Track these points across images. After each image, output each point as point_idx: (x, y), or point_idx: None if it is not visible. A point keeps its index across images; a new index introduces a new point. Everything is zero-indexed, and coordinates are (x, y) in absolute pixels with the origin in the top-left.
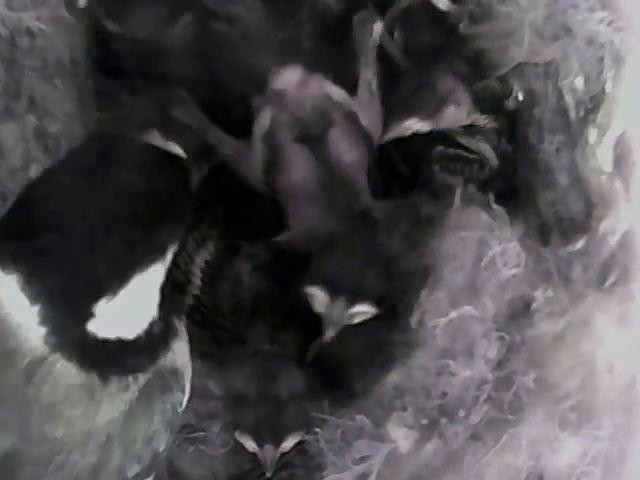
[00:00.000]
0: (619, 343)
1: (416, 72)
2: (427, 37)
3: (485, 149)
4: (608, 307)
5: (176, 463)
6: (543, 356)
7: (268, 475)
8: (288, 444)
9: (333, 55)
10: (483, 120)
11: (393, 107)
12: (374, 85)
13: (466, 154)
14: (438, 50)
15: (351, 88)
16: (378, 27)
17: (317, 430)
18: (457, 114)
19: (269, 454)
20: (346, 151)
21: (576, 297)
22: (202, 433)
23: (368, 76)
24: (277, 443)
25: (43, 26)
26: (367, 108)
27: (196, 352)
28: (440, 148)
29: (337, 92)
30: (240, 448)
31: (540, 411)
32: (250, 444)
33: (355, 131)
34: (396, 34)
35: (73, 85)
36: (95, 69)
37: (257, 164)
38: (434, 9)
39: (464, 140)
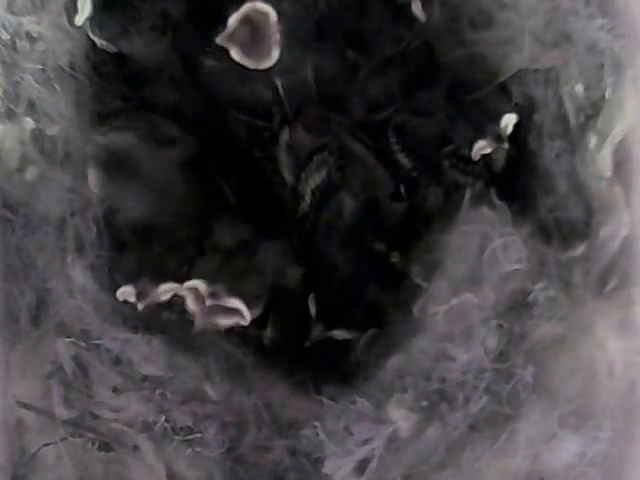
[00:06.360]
0: (619, 348)
1: None
2: None
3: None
4: (608, 312)
5: (173, 465)
6: (543, 358)
7: None
8: None
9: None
10: None
11: None
12: None
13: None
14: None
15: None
16: None
17: (316, 424)
18: None
19: None
20: None
21: (576, 302)
22: (199, 435)
23: None
24: None
25: (43, 30)
26: None
27: None
28: (452, 146)
29: None
30: None
31: (538, 408)
32: None
33: None
34: None
35: (71, 89)
36: (94, 73)
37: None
38: None
39: None
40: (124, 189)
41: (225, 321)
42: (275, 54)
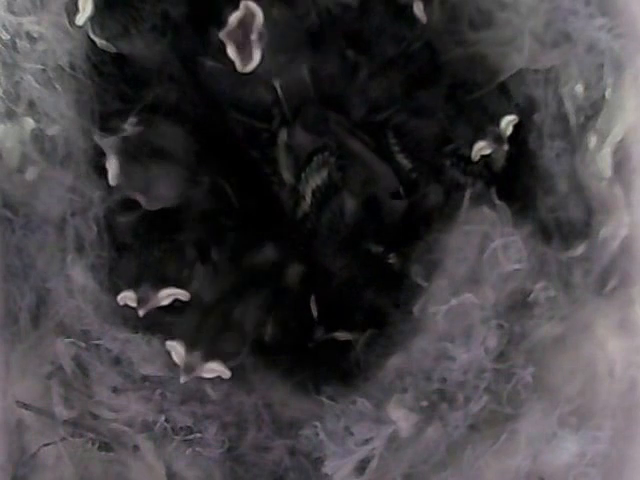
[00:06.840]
0: (619, 348)
1: None
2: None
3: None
4: (608, 312)
5: (173, 465)
6: (543, 358)
7: None
8: None
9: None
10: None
11: None
12: None
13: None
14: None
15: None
16: None
17: (316, 424)
18: None
19: None
20: None
21: (576, 302)
22: (199, 435)
23: None
24: None
25: (43, 30)
26: None
27: None
28: (453, 145)
29: None
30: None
31: (538, 408)
32: None
33: None
34: None
35: (72, 89)
36: (94, 73)
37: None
38: None
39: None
40: (154, 172)
41: (208, 374)
42: (257, 56)
